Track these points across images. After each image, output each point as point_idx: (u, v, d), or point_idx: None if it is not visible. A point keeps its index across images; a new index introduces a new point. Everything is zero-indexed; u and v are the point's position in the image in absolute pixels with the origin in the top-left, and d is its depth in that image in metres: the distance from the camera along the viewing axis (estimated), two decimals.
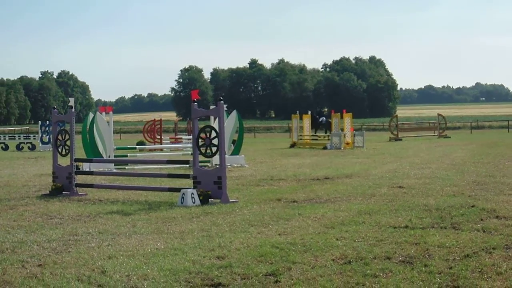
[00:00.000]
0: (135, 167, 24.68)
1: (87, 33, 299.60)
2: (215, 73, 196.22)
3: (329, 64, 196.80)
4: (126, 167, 24.49)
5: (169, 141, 42.10)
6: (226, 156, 17.25)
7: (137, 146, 32.97)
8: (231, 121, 25.64)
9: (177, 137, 44.73)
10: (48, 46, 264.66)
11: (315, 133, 47.77)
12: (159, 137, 43.94)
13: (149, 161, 23.13)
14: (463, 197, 14.12)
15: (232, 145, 26.19)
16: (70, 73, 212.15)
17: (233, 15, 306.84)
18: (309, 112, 45.07)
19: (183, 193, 13.88)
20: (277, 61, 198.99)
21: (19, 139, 44.48)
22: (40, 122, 45.57)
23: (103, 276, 7.77)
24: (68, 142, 16.88)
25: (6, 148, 42.21)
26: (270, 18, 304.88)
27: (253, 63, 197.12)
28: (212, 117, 21.01)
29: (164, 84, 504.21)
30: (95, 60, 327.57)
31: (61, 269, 8.16)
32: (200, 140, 15.01)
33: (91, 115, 26.23)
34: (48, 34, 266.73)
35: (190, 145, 22.55)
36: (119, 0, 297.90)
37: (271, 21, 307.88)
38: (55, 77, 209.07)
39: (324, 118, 49.08)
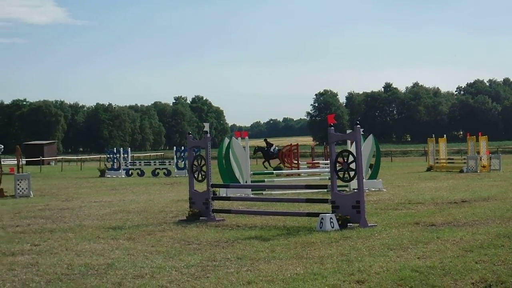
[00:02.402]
0: (273, 192, 25.09)
1: (222, 59, 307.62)
2: (350, 97, 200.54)
3: (463, 87, 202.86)
4: (264, 192, 24.96)
5: (306, 166, 42.40)
6: (364, 180, 17.52)
7: (274, 171, 33.45)
8: (368, 145, 26.04)
9: (314, 161, 44.97)
10: (181, 72, 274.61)
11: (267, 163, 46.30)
12: (296, 161, 44.33)
13: (287, 186, 23.56)
14: None
15: (369, 169, 26.47)
16: (204, 98, 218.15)
17: (367, 39, 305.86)
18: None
19: (322, 218, 14.11)
20: (411, 84, 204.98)
21: (155, 165, 46.17)
22: (175, 147, 47.21)
23: None
24: (204, 168, 17.47)
25: (142, 174, 44.05)
26: (402, 40, 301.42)
27: (388, 86, 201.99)
28: (349, 142, 21.37)
29: (299, 108, 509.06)
30: (229, 85, 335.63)
31: None
32: (337, 165, 15.31)
33: (226, 140, 26.86)
34: (182, 60, 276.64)
35: (328, 169, 22.75)
36: (251, 27, 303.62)
37: (403, 44, 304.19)
38: (189, 102, 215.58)
39: (276, 148, 48.44)
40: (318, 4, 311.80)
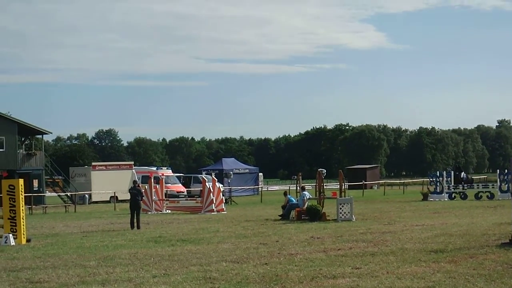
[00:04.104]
0: None
1: None
2: None
3: None
4: None
5: None
6: None
7: None
8: None
9: None
10: (505, 93, 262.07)
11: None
12: None
13: None
14: None
15: None
16: None
17: None
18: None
19: None
20: None
21: (478, 188, 45.32)
22: (498, 170, 45.73)
23: None
24: None
25: (464, 197, 43.35)
26: None
27: None
28: None
29: None
30: None
31: None
32: None
33: None
34: (505, 81, 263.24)
35: None
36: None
37: None
38: None
39: (464, 174, 46.84)
40: None
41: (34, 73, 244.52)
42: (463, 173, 47.31)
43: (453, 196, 43.41)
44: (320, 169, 31.09)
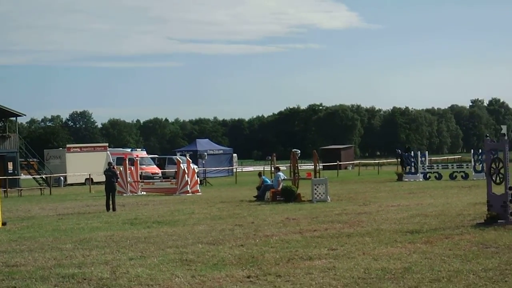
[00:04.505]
0: None
1: None
2: None
3: None
4: None
5: None
6: None
7: None
8: None
9: None
10: (477, 74, 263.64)
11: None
12: None
13: None
14: None
15: None
16: (501, 101, 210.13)
17: None
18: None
19: None
20: None
21: (452, 168, 45.64)
22: (472, 150, 46.10)
23: None
24: (502, 170, 17.05)
25: (439, 177, 43.64)
26: None
27: None
28: None
29: None
30: None
31: None
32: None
33: None
34: (479, 62, 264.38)
35: None
36: None
37: None
38: (485, 105, 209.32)
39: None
40: None
41: (6, 55, 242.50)
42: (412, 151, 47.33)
43: (428, 177, 43.72)
44: (294, 149, 31.10)
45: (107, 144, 63.33)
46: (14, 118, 61.25)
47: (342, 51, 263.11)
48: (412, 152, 45.87)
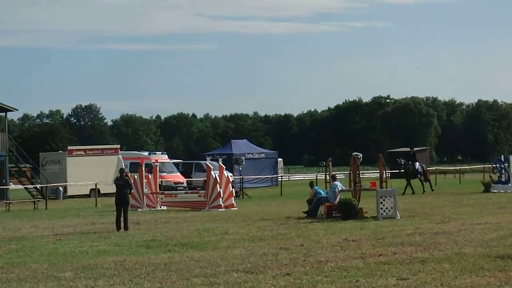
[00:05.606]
0: None
1: None
2: None
3: None
4: None
5: None
6: None
7: None
8: None
9: None
10: None
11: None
12: None
13: None
14: None
15: None
16: None
17: None
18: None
19: None
20: None
21: None
22: None
23: None
24: None
25: None
26: None
27: None
28: None
29: None
30: None
31: None
32: None
33: None
34: None
35: None
36: None
37: None
38: None
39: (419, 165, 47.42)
40: None
41: None
42: (417, 163, 46.85)
43: None
44: (355, 153, 30.96)
45: (118, 146, 63.90)
46: (3, 114, 61.80)
47: (413, 31, 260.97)
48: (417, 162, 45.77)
